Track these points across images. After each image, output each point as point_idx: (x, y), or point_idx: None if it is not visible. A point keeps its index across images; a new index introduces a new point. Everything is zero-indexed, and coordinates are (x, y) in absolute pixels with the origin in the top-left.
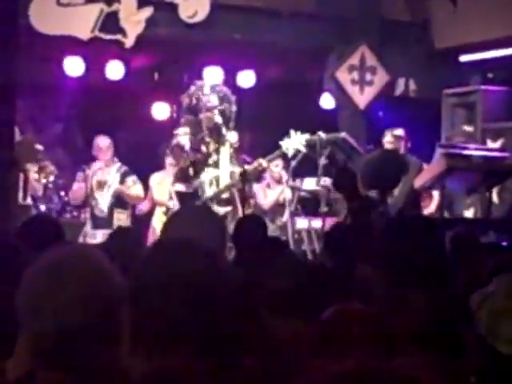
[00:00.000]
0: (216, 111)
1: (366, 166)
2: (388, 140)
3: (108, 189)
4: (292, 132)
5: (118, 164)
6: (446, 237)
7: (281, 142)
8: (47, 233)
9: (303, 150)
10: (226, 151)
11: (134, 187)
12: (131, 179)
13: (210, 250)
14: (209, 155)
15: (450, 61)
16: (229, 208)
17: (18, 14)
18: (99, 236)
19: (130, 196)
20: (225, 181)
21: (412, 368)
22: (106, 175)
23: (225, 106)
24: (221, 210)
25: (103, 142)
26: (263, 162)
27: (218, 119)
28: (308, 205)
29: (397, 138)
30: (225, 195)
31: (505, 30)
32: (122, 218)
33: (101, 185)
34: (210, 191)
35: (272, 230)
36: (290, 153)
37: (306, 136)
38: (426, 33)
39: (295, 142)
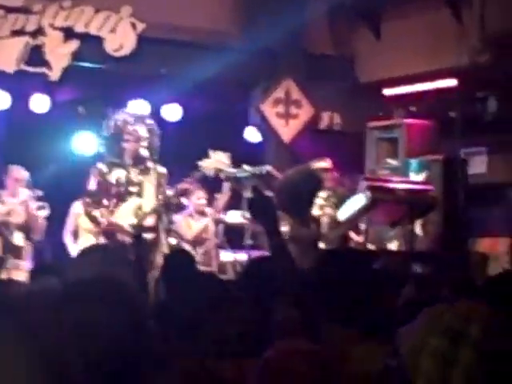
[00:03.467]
0: (144, 143)
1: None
2: None
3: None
4: (211, 152)
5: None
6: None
7: (199, 163)
8: None
9: (226, 168)
10: (150, 181)
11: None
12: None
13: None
14: (132, 185)
15: (374, 94)
16: (154, 234)
17: None
18: None
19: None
20: (146, 209)
21: None
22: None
23: (151, 138)
24: (145, 236)
25: (19, 173)
26: (184, 184)
27: (144, 151)
28: (233, 237)
29: (321, 170)
30: (148, 222)
31: (426, 64)
32: None
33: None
34: (133, 220)
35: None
36: (210, 172)
37: (226, 155)
38: (350, 67)
39: (215, 162)
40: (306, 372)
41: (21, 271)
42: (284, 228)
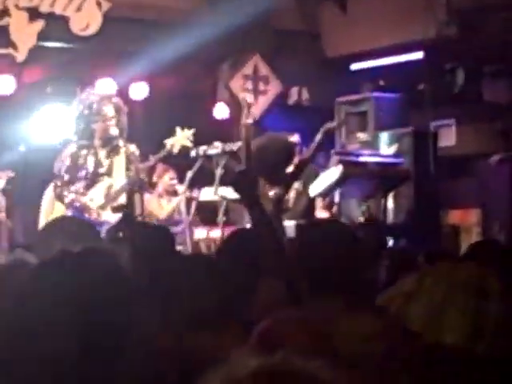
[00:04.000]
0: (112, 121)
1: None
2: None
3: None
4: (178, 129)
5: None
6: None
7: (165, 141)
8: None
9: (189, 145)
10: (120, 161)
11: None
12: None
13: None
14: (102, 166)
15: (342, 69)
16: (119, 215)
17: None
18: None
19: None
20: (116, 188)
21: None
22: None
23: (119, 116)
24: (114, 216)
25: None
26: (151, 159)
27: (114, 130)
28: (206, 215)
29: None
30: (118, 201)
31: (394, 37)
32: None
33: None
34: (102, 200)
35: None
36: (176, 149)
37: (191, 131)
38: (317, 42)
39: (181, 139)
40: (306, 341)
41: None
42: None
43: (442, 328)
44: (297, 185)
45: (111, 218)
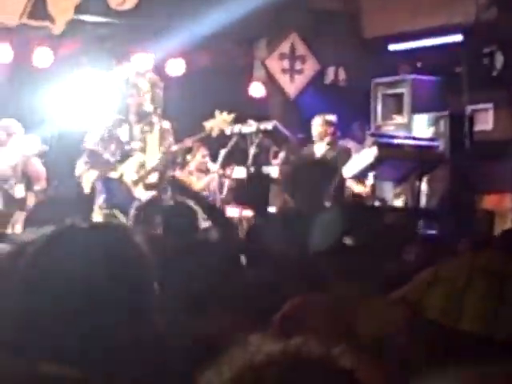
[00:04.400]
0: (146, 97)
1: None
2: (318, 123)
3: None
4: (217, 112)
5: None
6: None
7: (204, 123)
8: None
9: (226, 129)
10: (154, 137)
11: None
12: None
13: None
14: (134, 140)
15: (380, 50)
16: (153, 192)
17: None
18: None
19: None
20: (151, 165)
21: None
22: None
23: (154, 92)
24: (146, 193)
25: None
26: (188, 141)
27: (148, 105)
28: (239, 193)
29: (327, 122)
30: (150, 179)
31: (432, 19)
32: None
33: None
34: (135, 176)
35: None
36: (215, 133)
37: (231, 116)
38: (355, 22)
39: (220, 122)
40: (327, 327)
41: None
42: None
43: (461, 315)
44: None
45: (143, 195)
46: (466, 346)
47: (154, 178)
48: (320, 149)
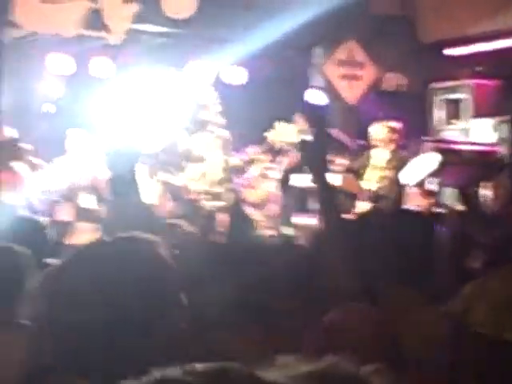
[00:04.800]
0: (210, 107)
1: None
2: (383, 130)
3: None
4: (276, 124)
5: None
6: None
7: (267, 134)
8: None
9: (293, 141)
10: (215, 147)
11: None
12: None
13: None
14: (194, 149)
15: (438, 55)
16: (218, 203)
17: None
18: None
19: None
20: (212, 175)
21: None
22: None
23: (216, 102)
24: (208, 204)
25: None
26: (250, 153)
27: (209, 115)
28: (297, 201)
29: (392, 130)
30: (214, 190)
31: (491, 23)
32: None
33: None
34: (196, 185)
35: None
36: (278, 145)
37: (292, 127)
38: (414, 27)
39: (282, 134)
40: (369, 338)
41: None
42: None
43: (504, 326)
44: (390, 172)
45: (207, 204)
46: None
47: (217, 189)
48: (382, 155)
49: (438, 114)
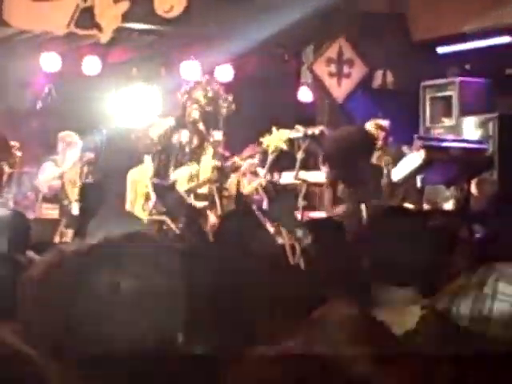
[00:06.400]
0: (201, 108)
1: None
2: (370, 128)
3: None
4: (274, 129)
5: None
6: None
7: (262, 139)
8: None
9: (284, 147)
10: (205, 147)
11: None
12: None
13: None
14: (186, 150)
15: (428, 53)
16: (206, 203)
17: None
18: None
19: None
20: (204, 176)
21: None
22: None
23: (214, 104)
24: (198, 204)
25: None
26: (238, 160)
27: (201, 116)
28: (286, 199)
29: (379, 127)
30: (202, 190)
31: (481, 21)
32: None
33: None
34: (187, 186)
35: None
36: (271, 149)
37: (287, 133)
38: (403, 24)
39: (276, 140)
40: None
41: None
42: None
43: (488, 320)
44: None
45: (194, 204)
46: (494, 352)
47: (205, 189)
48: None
49: (428, 111)
